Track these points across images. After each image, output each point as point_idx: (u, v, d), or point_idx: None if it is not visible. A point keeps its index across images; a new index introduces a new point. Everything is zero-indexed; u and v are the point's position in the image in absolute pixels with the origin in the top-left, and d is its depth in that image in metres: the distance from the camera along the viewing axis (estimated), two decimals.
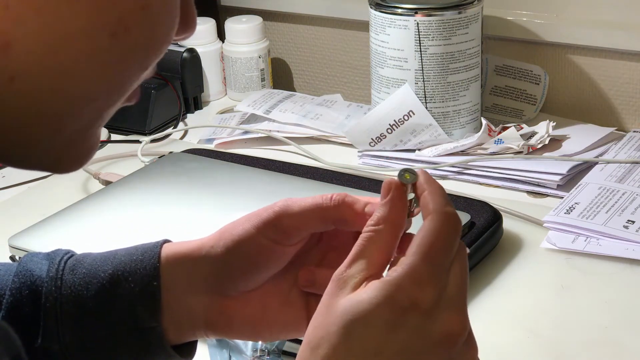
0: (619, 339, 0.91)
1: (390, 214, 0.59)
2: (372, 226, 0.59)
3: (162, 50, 0.51)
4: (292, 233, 0.65)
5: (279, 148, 1.34)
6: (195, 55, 1.49)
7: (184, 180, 1.14)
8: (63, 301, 0.66)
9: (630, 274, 1.00)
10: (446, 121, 1.29)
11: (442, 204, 0.58)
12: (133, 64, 0.50)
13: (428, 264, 0.56)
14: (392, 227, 0.59)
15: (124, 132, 1.41)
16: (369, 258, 0.58)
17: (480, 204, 1.07)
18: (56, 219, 1.06)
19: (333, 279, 0.58)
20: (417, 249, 0.57)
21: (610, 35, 1.34)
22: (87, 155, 0.53)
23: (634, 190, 1.13)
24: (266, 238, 0.64)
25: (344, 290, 0.57)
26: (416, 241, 0.57)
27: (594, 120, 1.36)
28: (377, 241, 0.59)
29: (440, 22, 1.25)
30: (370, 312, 0.55)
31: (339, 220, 0.64)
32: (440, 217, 0.58)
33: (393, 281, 0.56)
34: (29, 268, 0.67)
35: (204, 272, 0.66)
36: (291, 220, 0.64)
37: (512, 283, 1.00)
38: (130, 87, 0.52)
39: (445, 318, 0.56)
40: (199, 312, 0.66)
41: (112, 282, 0.66)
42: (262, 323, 0.66)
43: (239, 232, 0.65)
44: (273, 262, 0.65)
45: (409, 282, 0.56)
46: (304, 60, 1.61)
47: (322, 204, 0.64)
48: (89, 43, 0.47)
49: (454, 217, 0.58)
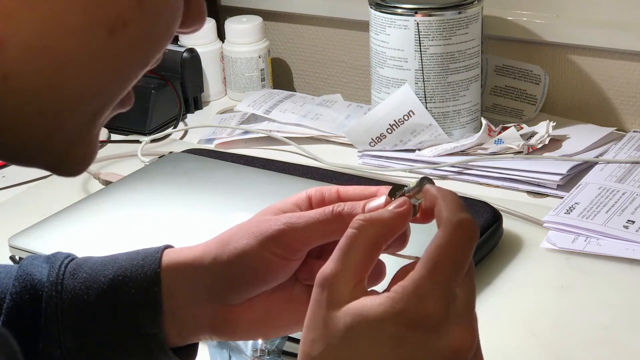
0: (619, 339, 0.90)
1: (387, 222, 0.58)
2: (362, 221, 0.57)
3: (162, 45, 0.51)
4: (297, 248, 0.64)
5: (279, 148, 1.34)
6: (195, 55, 1.49)
7: (184, 180, 1.14)
8: (64, 306, 0.65)
9: (630, 274, 1.00)
10: (446, 121, 1.29)
11: (453, 212, 0.56)
12: (132, 60, 0.49)
13: (435, 278, 0.54)
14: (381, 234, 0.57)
15: (124, 132, 1.41)
16: (355, 258, 0.56)
17: (480, 204, 1.07)
18: (56, 219, 1.06)
19: (320, 282, 0.56)
20: (426, 263, 0.55)
21: (610, 35, 1.34)
22: (89, 157, 0.53)
23: (634, 190, 1.13)
24: (270, 253, 0.63)
25: (337, 300, 0.55)
26: (426, 254, 0.55)
27: (594, 120, 1.36)
28: (364, 240, 0.57)
29: (440, 22, 1.25)
30: (376, 328, 0.54)
31: (344, 232, 0.62)
32: (451, 227, 0.55)
33: (399, 297, 0.54)
34: (29, 272, 0.67)
35: (207, 282, 0.65)
36: (296, 236, 0.63)
37: (512, 283, 1.00)
38: (130, 83, 0.51)
39: (454, 333, 0.54)
40: (203, 319, 0.66)
41: (113, 288, 0.65)
42: (266, 323, 0.66)
43: (243, 246, 0.64)
44: (277, 275, 0.64)
45: (415, 298, 0.54)
46: (304, 60, 1.61)
47: (324, 219, 0.63)
48: (86, 39, 0.47)
49: (468, 224, 0.55)
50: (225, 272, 0.64)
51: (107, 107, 0.51)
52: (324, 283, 0.56)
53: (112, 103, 0.51)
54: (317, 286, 0.56)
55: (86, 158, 0.52)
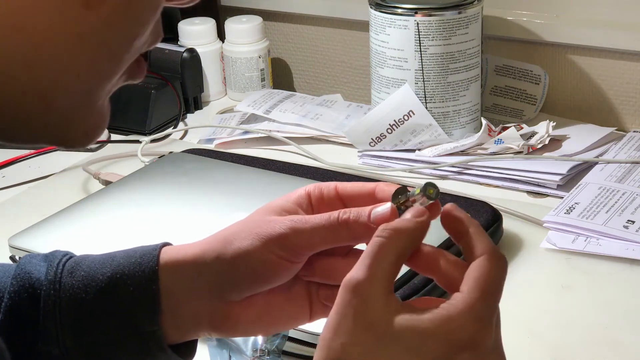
0: (619, 339, 0.90)
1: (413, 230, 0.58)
2: (390, 230, 0.57)
3: (148, 17, 0.49)
4: (301, 252, 0.63)
5: (279, 148, 1.34)
6: (195, 55, 1.49)
7: (184, 180, 1.14)
8: (62, 305, 0.65)
9: (630, 274, 1.00)
10: (446, 121, 1.29)
11: (493, 246, 0.57)
12: (114, 34, 0.48)
13: (487, 304, 0.55)
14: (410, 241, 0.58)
15: (124, 132, 1.41)
16: (387, 265, 0.56)
17: (480, 204, 1.07)
18: (56, 219, 1.06)
19: (351, 289, 0.55)
20: (477, 286, 0.55)
21: (610, 35, 1.34)
22: (97, 129, 0.52)
23: (634, 190, 1.13)
24: (274, 255, 0.63)
25: (372, 308, 0.55)
26: (473, 278, 0.56)
27: (594, 120, 1.36)
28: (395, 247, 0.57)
29: (440, 22, 1.25)
30: (426, 341, 0.54)
31: (350, 238, 0.63)
32: (495, 258, 0.57)
33: (455, 315, 0.54)
34: (28, 270, 0.67)
35: (209, 279, 0.65)
36: (301, 241, 0.63)
37: (512, 283, 0.99)
38: (121, 58, 0.50)
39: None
40: (203, 317, 0.65)
41: (111, 286, 0.65)
42: (266, 320, 0.66)
43: (247, 246, 0.63)
44: (280, 276, 0.64)
45: (470, 320, 0.54)
46: (304, 60, 1.61)
47: (329, 226, 0.62)
48: (60, 16, 0.46)
49: (505, 260, 0.57)
50: (228, 271, 0.64)
51: (103, 83, 0.50)
52: (356, 289, 0.55)
53: (109, 78, 0.50)
54: (347, 292, 0.56)
55: (93, 130, 0.52)
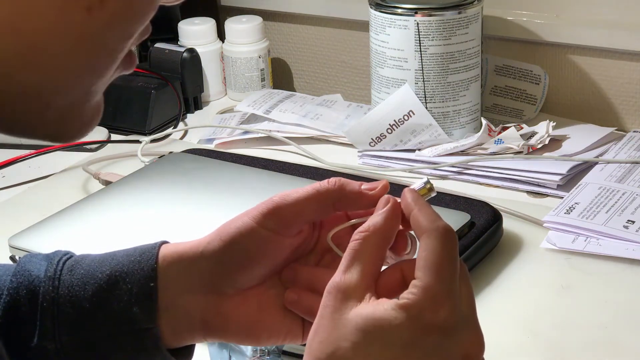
0: (619, 339, 0.91)
1: (383, 225, 0.59)
2: (364, 232, 0.59)
3: (145, 17, 0.50)
4: (292, 221, 0.64)
5: (279, 148, 1.34)
6: (195, 55, 1.49)
7: (184, 180, 1.14)
8: (60, 301, 0.66)
9: (630, 274, 1.00)
10: (446, 121, 1.29)
11: (433, 220, 0.58)
12: (113, 35, 0.49)
13: (442, 283, 0.56)
14: (382, 238, 0.59)
15: (124, 132, 1.41)
16: (364, 265, 0.58)
17: (480, 204, 1.07)
18: (56, 219, 1.06)
19: (332, 290, 0.57)
20: (427, 269, 0.56)
21: (610, 35, 1.34)
22: (88, 125, 0.53)
23: (634, 190, 1.13)
24: (265, 229, 0.64)
25: (348, 303, 0.56)
26: (422, 261, 0.56)
27: (594, 120, 1.36)
28: (369, 248, 0.59)
29: (440, 22, 1.25)
30: (390, 332, 0.55)
31: (339, 200, 0.64)
32: (436, 233, 0.57)
33: (413, 303, 0.55)
34: (27, 268, 0.67)
35: (200, 269, 0.65)
36: (291, 208, 0.64)
37: (512, 283, 1.00)
38: (117, 56, 0.51)
39: (465, 338, 0.56)
40: (195, 313, 0.66)
41: (110, 283, 0.65)
42: (258, 325, 0.66)
43: (238, 225, 0.64)
44: (272, 254, 0.65)
45: (429, 303, 0.55)
46: (304, 60, 1.61)
47: (320, 188, 0.64)
48: (62, 18, 0.46)
49: (449, 230, 0.58)
50: (218, 256, 0.65)
51: (100, 80, 0.51)
52: (333, 290, 0.57)
53: (103, 77, 0.51)
54: (326, 293, 0.57)
55: (88, 125, 0.53)
